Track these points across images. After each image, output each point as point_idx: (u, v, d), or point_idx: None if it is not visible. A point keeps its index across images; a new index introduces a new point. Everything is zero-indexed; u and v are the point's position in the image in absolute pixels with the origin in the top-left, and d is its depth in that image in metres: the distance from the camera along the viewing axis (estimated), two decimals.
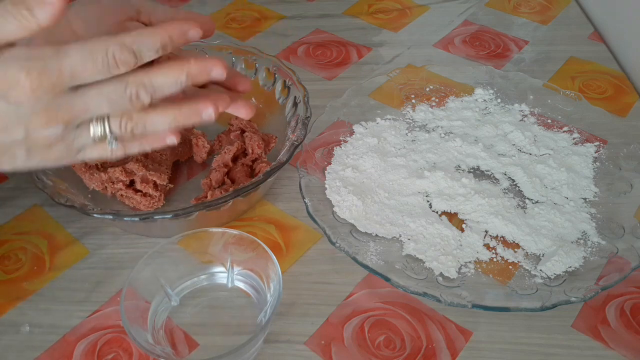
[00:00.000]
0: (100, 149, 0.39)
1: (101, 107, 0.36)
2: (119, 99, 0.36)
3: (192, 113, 0.39)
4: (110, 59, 0.34)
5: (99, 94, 0.36)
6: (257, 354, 0.46)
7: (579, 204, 0.56)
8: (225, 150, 0.58)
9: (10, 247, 0.55)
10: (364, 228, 0.54)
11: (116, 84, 0.36)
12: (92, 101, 0.36)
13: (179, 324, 0.48)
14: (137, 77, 0.36)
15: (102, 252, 0.55)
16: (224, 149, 0.58)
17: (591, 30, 0.83)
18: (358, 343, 0.47)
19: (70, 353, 0.47)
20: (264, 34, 0.84)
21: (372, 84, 0.69)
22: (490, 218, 0.55)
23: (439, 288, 0.48)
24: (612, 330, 0.48)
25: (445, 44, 0.81)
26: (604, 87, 0.73)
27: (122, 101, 0.36)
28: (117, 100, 0.36)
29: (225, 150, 0.58)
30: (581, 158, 0.61)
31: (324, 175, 0.59)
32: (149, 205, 0.55)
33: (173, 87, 0.37)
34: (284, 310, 0.49)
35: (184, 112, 0.38)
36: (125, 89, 0.36)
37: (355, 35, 0.83)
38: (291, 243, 0.55)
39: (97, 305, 0.50)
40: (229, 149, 0.57)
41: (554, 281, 0.50)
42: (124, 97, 0.36)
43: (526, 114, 0.67)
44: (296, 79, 0.62)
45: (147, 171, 0.54)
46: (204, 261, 0.50)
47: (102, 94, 0.36)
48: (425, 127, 0.66)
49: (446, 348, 0.47)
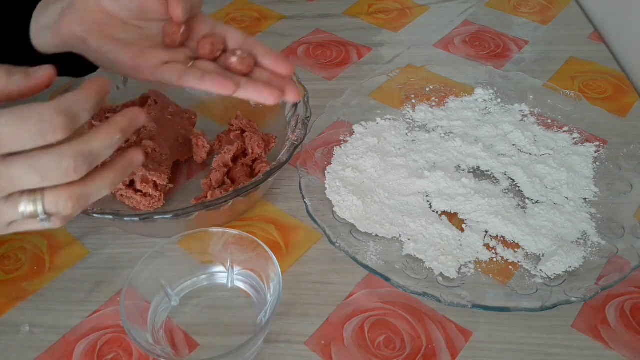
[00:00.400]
0: (31, 224, 0.35)
1: (32, 181, 0.32)
2: (53, 171, 0.32)
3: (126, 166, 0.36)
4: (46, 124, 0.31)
5: (30, 166, 0.31)
6: (257, 354, 0.46)
7: (579, 204, 0.56)
8: (225, 150, 0.58)
9: (10, 247, 0.55)
10: (364, 228, 0.54)
11: (51, 156, 0.32)
12: (21, 173, 0.32)
13: (179, 324, 0.48)
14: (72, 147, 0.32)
15: (102, 252, 0.55)
16: (224, 149, 0.58)
17: (591, 30, 0.83)
18: (358, 343, 0.47)
19: (70, 353, 0.47)
20: (264, 34, 0.84)
21: (372, 84, 0.69)
22: (490, 218, 0.55)
23: (439, 288, 0.48)
24: (612, 330, 0.48)
25: (445, 44, 0.81)
26: (604, 87, 0.73)
27: (57, 174, 0.32)
28: (51, 173, 0.32)
29: (225, 150, 0.58)
30: (581, 158, 0.61)
31: (324, 175, 0.59)
32: (149, 205, 0.55)
33: (110, 149, 0.34)
34: (284, 310, 0.49)
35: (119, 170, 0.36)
36: (60, 161, 0.32)
37: (355, 35, 0.83)
38: (291, 243, 0.55)
39: (97, 305, 0.50)
40: (229, 149, 0.57)
41: (554, 281, 0.50)
42: (59, 170, 0.32)
43: (526, 114, 0.67)
44: (296, 79, 0.62)
45: (147, 171, 0.54)
46: (204, 261, 0.50)
47: (34, 167, 0.31)
48: (425, 127, 0.66)
49: (446, 348, 0.47)
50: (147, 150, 0.57)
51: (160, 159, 0.58)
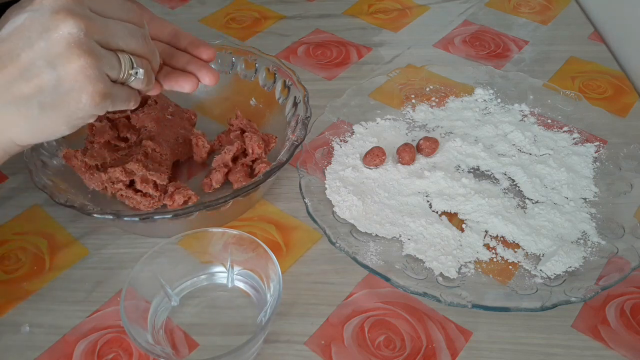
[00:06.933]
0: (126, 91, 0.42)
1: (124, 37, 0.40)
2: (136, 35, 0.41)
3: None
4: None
5: (124, 27, 0.40)
6: (257, 354, 0.46)
7: (579, 204, 0.56)
8: (225, 150, 0.58)
9: (10, 247, 0.55)
10: (364, 228, 0.54)
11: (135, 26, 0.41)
12: (117, 28, 0.39)
13: (179, 324, 0.48)
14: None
15: (102, 252, 0.55)
16: (224, 149, 0.58)
17: (591, 30, 0.83)
18: (358, 343, 0.47)
19: (70, 353, 0.47)
20: (264, 34, 0.84)
21: (372, 84, 0.69)
22: (490, 218, 0.55)
23: (439, 288, 0.48)
24: (612, 330, 0.48)
25: (445, 44, 0.81)
26: (604, 87, 0.72)
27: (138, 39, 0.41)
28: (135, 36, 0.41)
29: (225, 150, 0.58)
30: (581, 158, 0.61)
31: (324, 175, 0.59)
32: (149, 205, 0.55)
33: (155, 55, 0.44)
34: (284, 310, 0.49)
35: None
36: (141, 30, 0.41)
37: (355, 35, 0.83)
38: (291, 243, 0.55)
39: (97, 305, 0.50)
40: (229, 149, 0.57)
41: (554, 281, 0.50)
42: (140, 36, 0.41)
43: (526, 114, 0.67)
44: (296, 79, 0.62)
45: (147, 171, 0.54)
46: (204, 261, 0.50)
47: (126, 27, 0.40)
48: (425, 127, 0.66)
49: (446, 348, 0.47)
50: (147, 150, 0.57)
51: (160, 159, 0.58)
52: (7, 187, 0.61)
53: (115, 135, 0.60)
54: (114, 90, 0.40)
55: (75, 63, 0.36)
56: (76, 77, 0.37)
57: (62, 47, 0.36)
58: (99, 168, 0.56)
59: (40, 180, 0.52)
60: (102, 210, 0.49)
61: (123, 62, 0.40)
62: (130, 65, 0.40)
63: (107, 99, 0.39)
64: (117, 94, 0.40)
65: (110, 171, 0.54)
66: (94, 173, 0.55)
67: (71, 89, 0.37)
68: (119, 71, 0.40)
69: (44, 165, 0.55)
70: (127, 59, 0.40)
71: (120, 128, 0.61)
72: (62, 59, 0.36)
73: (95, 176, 0.55)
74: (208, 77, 0.49)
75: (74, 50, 0.36)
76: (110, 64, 0.39)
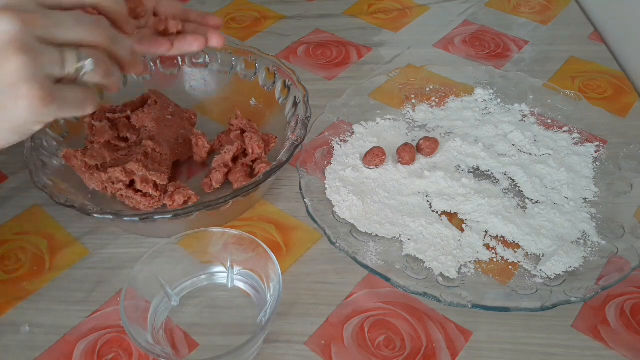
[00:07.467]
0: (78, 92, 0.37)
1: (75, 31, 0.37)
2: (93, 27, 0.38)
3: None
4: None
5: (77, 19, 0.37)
6: (257, 354, 0.46)
7: (579, 204, 0.56)
8: (225, 150, 0.58)
9: (10, 247, 0.55)
10: (364, 228, 0.54)
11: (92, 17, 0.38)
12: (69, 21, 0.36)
13: (179, 324, 0.48)
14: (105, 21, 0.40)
15: (102, 252, 0.55)
16: (224, 149, 0.58)
17: (591, 30, 0.83)
18: (358, 343, 0.47)
19: (70, 353, 0.47)
20: (264, 34, 0.84)
21: (372, 84, 0.69)
22: (490, 218, 0.55)
23: (439, 288, 0.48)
24: (612, 330, 0.48)
25: (445, 44, 0.81)
26: (604, 87, 0.73)
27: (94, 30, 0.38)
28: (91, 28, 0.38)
29: (225, 150, 0.58)
30: (581, 158, 0.61)
31: (324, 175, 0.59)
32: (149, 205, 0.55)
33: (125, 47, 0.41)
34: (284, 310, 0.49)
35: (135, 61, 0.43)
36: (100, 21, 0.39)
37: (355, 35, 0.83)
38: (291, 243, 0.55)
39: (97, 305, 0.50)
40: (229, 149, 0.57)
41: (554, 281, 0.50)
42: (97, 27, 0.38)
43: (526, 114, 0.67)
44: (296, 79, 0.62)
45: (147, 171, 0.54)
46: (204, 261, 0.50)
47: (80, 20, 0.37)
48: (425, 127, 0.66)
49: (446, 348, 0.47)
50: (147, 150, 0.57)
51: (160, 159, 0.58)
52: (7, 187, 0.61)
53: (115, 135, 0.60)
54: (60, 92, 0.36)
55: (11, 63, 0.34)
56: (11, 78, 0.34)
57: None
58: (99, 168, 0.56)
59: (40, 180, 0.52)
60: (102, 210, 0.49)
61: (67, 56, 0.36)
62: (77, 59, 0.36)
63: (50, 103, 0.35)
64: (65, 96, 0.36)
65: (110, 171, 0.54)
66: (94, 173, 0.55)
67: (10, 92, 0.34)
68: (61, 67, 0.36)
69: (44, 165, 0.55)
70: (72, 52, 0.36)
71: (120, 128, 0.61)
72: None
73: (95, 176, 0.55)
74: (216, 39, 0.51)
75: (8, 48, 0.34)
76: (51, 60, 0.35)
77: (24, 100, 0.34)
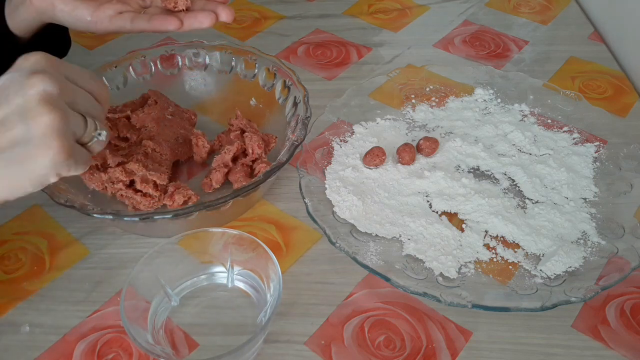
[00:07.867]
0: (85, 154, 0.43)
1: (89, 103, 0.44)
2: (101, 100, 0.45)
3: None
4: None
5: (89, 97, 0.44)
6: (257, 354, 0.46)
7: (579, 204, 0.56)
8: (225, 150, 0.58)
9: (10, 247, 0.55)
10: (364, 228, 0.54)
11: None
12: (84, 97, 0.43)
13: (179, 324, 0.48)
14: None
15: (102, 252, 0.55)
16: (224, 149, 0.58)
17: (591, 30, 0.83)
18: (358, 343, 0.47)
19: (70, 353, 0.47)
20: (264, 34, 0.84)
21: (372, 84, 0.69)
22: (490, 218, 0.55)
23: (439, 288, 0.48)
24: (612, 330, 0.48)
25: (445, 44, 0.81)
26: (604, 87, 0.73)
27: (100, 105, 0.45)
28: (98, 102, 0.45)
29: (225, 150, 0.58)
30: (581, 158, 0.61)
31: (324, 175, 0.59)
32: (149, 205, 0.55)
33: None
34: (284, 310, 0.49)
35: None
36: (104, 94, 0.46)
37: (355, 35, 0.83)
38: (291, 243, 0.55)
39: (97, 305, 0.50)
40: (229, 149, 0.57)
41: (554, 281, 0.50)
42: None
43: (526, 114, 0.67)
44: (296, 79, 0.62)
45: (147, 171, 0.54)
46: (204, 261, 0.50)
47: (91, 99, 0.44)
48: (425, 127, 0.66)
49: (446, 348, 0.47)
50: (147, 150, 0.57)
51: (160, 159, 0.58)
52: None
53: (115, 135, 0.60)
54: (76, 151, 0.41)
55: (46, 116, 0.38)
56: (45, 130, 0.38)
57: (35, 102, 0.38)
58: (99, 168, 0.56)
59: None
60: (102, 210, 0.49)
61: (89, 123, 0.43)
62: (94, 127, 0.43)
63: (70, 157, 0.40)
64: (78, 155, 0.41)
65: (110, 171, 0.54)
66: (94, 173, 0.55)
67: (40, 143, 0.38)
68: (83, 131, 0.42)
69: None
70: (92, 121, 0.43)
71: (120, 128, 0.61)
72: (34, 112, 0.38)
73: (95, 176, 0.55)
74: (225, 13, 0.53)
75: (45, 105, 0.38)
76: (76, 123, 0.41)
77: (51, 151, 0.39)
